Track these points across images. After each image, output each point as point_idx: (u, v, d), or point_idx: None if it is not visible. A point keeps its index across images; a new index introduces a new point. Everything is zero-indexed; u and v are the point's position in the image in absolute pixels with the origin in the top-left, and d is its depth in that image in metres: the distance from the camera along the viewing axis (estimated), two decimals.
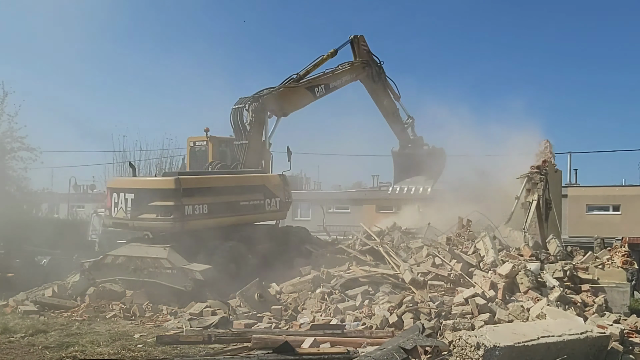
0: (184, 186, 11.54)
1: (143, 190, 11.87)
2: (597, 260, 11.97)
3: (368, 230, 13.77)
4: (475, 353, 6.00)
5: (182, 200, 11.45)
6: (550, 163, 14.88)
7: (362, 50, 17.27)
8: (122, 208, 11.94)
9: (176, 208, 11.40)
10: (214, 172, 13.77)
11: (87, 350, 7.80)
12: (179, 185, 11.48)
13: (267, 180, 13.59)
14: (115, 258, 11.74)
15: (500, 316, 8.68)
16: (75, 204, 44.77)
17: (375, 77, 17.51)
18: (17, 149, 23.47)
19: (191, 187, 11.80)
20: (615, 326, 8.14)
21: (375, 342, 7.63)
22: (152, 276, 11.19)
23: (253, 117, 14.27)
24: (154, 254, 11.31)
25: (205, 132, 14.62)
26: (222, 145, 15.08)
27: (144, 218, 11.72)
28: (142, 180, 12.96)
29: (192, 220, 11.66)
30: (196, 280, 10.68)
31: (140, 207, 11.69)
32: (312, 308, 10.03)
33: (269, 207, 13.46)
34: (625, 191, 34.87)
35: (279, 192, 13.74)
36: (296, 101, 15.40)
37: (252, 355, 6.91)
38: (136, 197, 11.77)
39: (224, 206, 12.39)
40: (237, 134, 14.40)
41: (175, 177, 11.90)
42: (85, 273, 11.87)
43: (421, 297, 9.23)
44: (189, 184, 11.78)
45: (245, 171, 13.92)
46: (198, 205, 11.72)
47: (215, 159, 14.58)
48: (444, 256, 11.14)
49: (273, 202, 13.54)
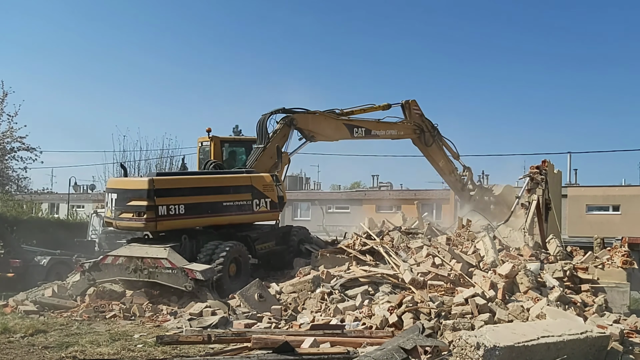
0: (157, 187, 11.74)
1: (123, 191, 12.15)
2: (597, 260, 11.97)
3: (368, 230, 13.76)
4: (475, 353, 5.99)
5: (156, 200, 11.63)
6: (550, 164, 14.88)
7: (414, 115, 16.97)
8: (110, 207, 12.36)
9: (149, 208, 11.60)
10: (192, 172, 14.10)
11: (87, 350, 7.78)
12: (152, 186, 11.69)
13: (255, 181, 13.26)
14: (115, 258, 11.76)
15: (500, 316, 8.68)
16: (75, 204, 44.83)
17: (428, 141, 17.13)
18: (17, 149, 23.51)
19: (165, 188, 11.95)
20: (615, 326, 8.14)
21: (375, 342, 7.62)
22: (153, 276, 11.21)
23: (280, 127, 14.25)
24: (154, 254, 11.33)
25: (207, 132, 14.77)
26: (227, 145, 15.16)
27: (123, 217, 12.03)
28: (122, 180, 13.14)
29: (166, 220, 11.79)
30: (197, 280, 10.69)
31: (121, 207, 12.01)
32: (312, 308, 10.03)
33: (258, 208, 13.23)
34: (625, 191, 34.90)
35: (270, 193, 13.47)
36: (328, 131, 15.31)
37: (252, 355, 6.90)
38: (118, 197, 12.11)
39: (203, 206, 12.40)
40: (259, 138, 14.32)
41: (149, 178, 12.21)
42: (86, 273, 11.88)
43: (421, 297, 9.22)
44: (163, 185, 11.94)
45: (232, 171, 13.89)
46: (173, 205, 11.85)
47: (218, 158, 14.66)
48: (444, 256, 11.14)
49: (262, 203, 13.30)
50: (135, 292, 11.48)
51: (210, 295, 10.58)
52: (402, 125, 16.74)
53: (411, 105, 16.97)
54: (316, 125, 14.95)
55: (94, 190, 46.39)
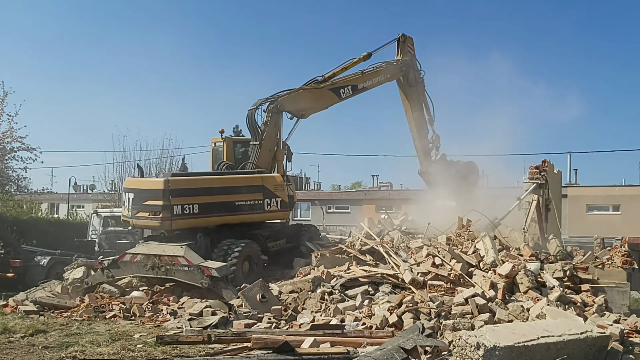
0: (172, 187, 12.18)
1: (140, 191, 12.59)
2: (597, 260, 11.97)
3: (368, 230, 13.76)
4: (475, 353, 5.99)
5: (171, 200, 12.05)
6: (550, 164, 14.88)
7: (406, 50, 16.60)
8: (127, 206, 12.83)
9: (164, 207, 12.04)
10: (207, 173, 14.41)
11: (87, 350, 7.78)
12: (167, 186, 12.12)
13: (266, 181, 13.66)
14: (133, 256, 12.11)
15: (500, 316, 8.68)
16: (75, 204, 44.82)
17: (412, 81, 16.76)
18: (17, 149, 23.50)
19: (180, 188, 12.37)
20: (615, 326, 8.13)
21: (375, 342, 7.63)
22: (170, 273, 11.60)
23: (269, 117, 14.23)
24: (171, 252, 11.70)
25: (220, 134, 14.91)
26: (239, 146, 15.29)
27: (140, 216, 12.48)
28: (139, 180, 13.55)
29: (181, 219, 12.21)
30: (212, 277, 11.00)
31: (138, 206, 12.45)
32: (312, 308, 10.04)
33: (269, 207, 13.62)
34: (625, 191, 34.93)
35: (280, 192, 13.81)
36: (316, 103, 15.06)
37: (252, 355, 6.90)
38: (135, 197, 12.56)
39: (216, 206, 12.77)
40: (252, 135, 14.45)
41: (165, 178, 12.65)
42: (105, 271, 12.18)
43: (421, 297, 9.22)
44: (178, 185, 12.38)
45: (244, 172, 14.10)
46: (188, 205, 12.25)
47: (231, 159, 14.79)
48: (444, 256, 11.14)
49: (273, 202, 13.64)
50: (136, 292, 11.70)
51: (225, 291, 10.86)
52: (388, 67, 16.17)
53: (407, 41, 16.61)
54: (302, 102, 14.69)
55: (94, 190, 46.42)
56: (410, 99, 16.94)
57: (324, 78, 15.09)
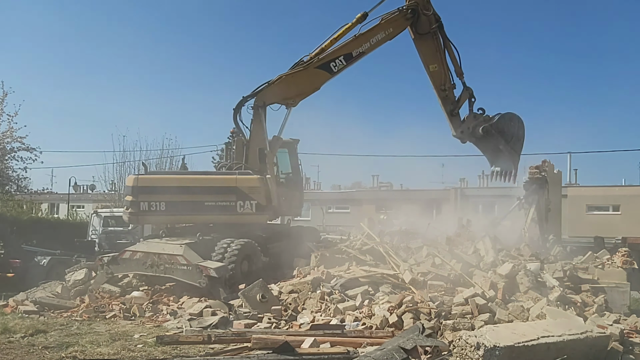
0: (140, 184, 12.81)
1: (125, 187, 13.57)
2: (597, 260, 11.98)
3: (368, 230, 13.75)
4: (475, 353, 6.00)
5: (139, 196, 12.67)
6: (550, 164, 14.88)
7: None
8: None
9: (132, 203, 12.72)
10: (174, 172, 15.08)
11: (87, 350, 7.79)
12: (136, 183, 12.81)
13: (240, 182, 13.10)
14: (133, 253, 12.21)
15: (500, 316, 8.68)
16: (75, 204, 44.82)
17: (423, 27, 13.66)
18: (17, 149, 23.49)
19: (148, 186, 12.85)
20: (615, 326, 8.13)
21: (375, 342, 7.63)
22: (168, 272, 11.68)
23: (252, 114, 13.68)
24: (170, 251, 11.79)
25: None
26: None
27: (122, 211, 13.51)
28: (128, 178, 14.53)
29: (147, 215, 12.86)
30: (210, 277, 11.03)
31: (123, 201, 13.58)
32: (312, 308, 10.03)
33: (241, 210, 13.06)
34: (625, 191, 34.96)
35: (257, 195, 13.11)
36: (304, 87, 13.50)
37: (252, 355, 6.91)
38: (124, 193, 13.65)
39: (184, 205, 12.85)
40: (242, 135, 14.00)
41: (135, 175, 13.26)
42: (104, 267, 12.28)
43: (421, 297, 9.22)
44: (145, 183, 12.92)
45: (217, 172, 14.28)
46: (155, 202, 12.69)
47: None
48: (444, 256, 11.14)
49: (247, 205, 13.07)
50: (136, 292, 11.70)
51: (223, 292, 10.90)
52: (389, 19, 13.56)
53: None
54: (286, 90, 13.43)
55: (94, 190, 46.39)
56: (425, 51, 14.00)
57: (311, 57, 13.37)
